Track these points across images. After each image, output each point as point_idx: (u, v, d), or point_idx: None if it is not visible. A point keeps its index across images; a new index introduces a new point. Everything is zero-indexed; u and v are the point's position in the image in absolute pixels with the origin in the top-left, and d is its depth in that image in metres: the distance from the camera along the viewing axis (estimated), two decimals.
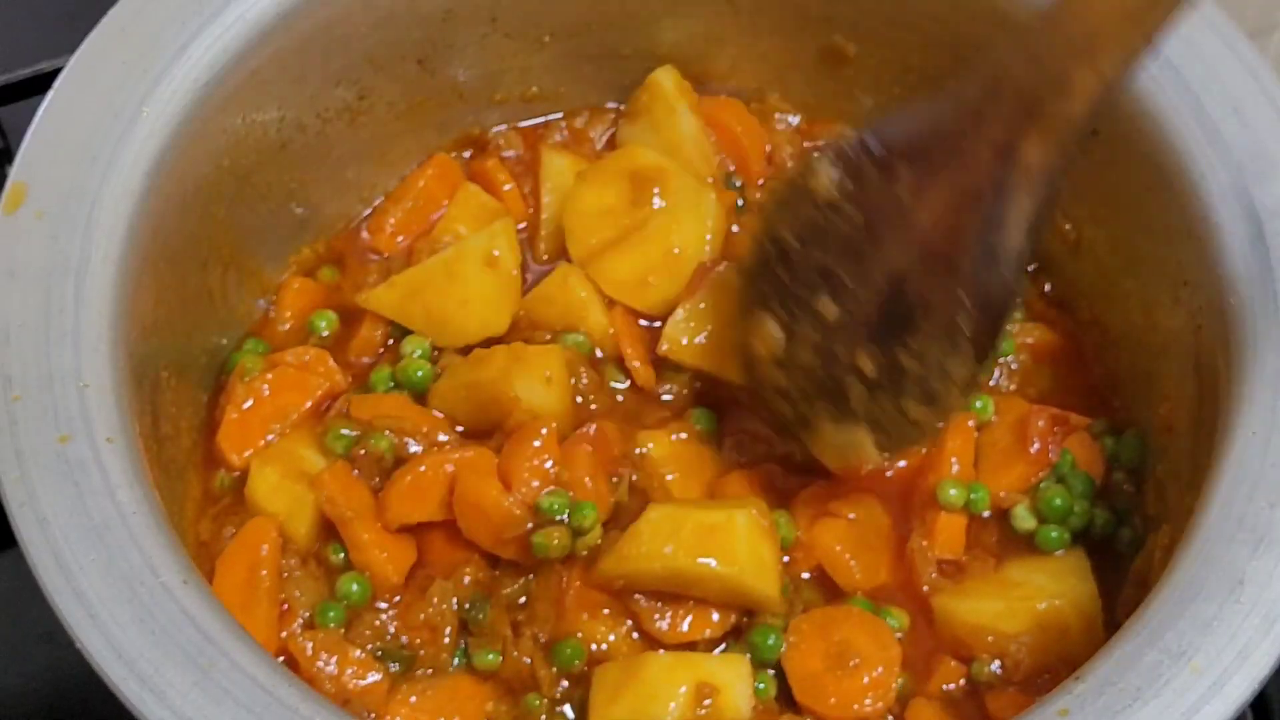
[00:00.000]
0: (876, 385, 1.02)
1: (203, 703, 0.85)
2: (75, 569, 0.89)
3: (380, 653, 1.07)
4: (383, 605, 1.10)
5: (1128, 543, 1.12)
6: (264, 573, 1.08)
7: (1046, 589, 1.09)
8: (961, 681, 1.08)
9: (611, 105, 1.35)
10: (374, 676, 1.05)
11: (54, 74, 1.07)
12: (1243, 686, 0.87)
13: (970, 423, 1.16)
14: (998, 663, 1.07)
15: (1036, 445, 1.14)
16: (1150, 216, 1.10)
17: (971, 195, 0.95)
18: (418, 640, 1.08)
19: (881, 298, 0.99)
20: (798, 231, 1.03)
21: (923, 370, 1.00)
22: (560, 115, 1.35)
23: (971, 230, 0.96)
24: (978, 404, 1.17)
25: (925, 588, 1.11)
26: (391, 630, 1.09)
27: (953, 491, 1.13)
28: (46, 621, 0.88)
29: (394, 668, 1.07)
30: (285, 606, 1.09)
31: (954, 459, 1.15)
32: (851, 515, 1.13)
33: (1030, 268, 1.25)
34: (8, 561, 0.98)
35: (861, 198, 0.99)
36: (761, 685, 1.05)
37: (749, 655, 1.06)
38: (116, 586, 0.89)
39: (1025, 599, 1.08)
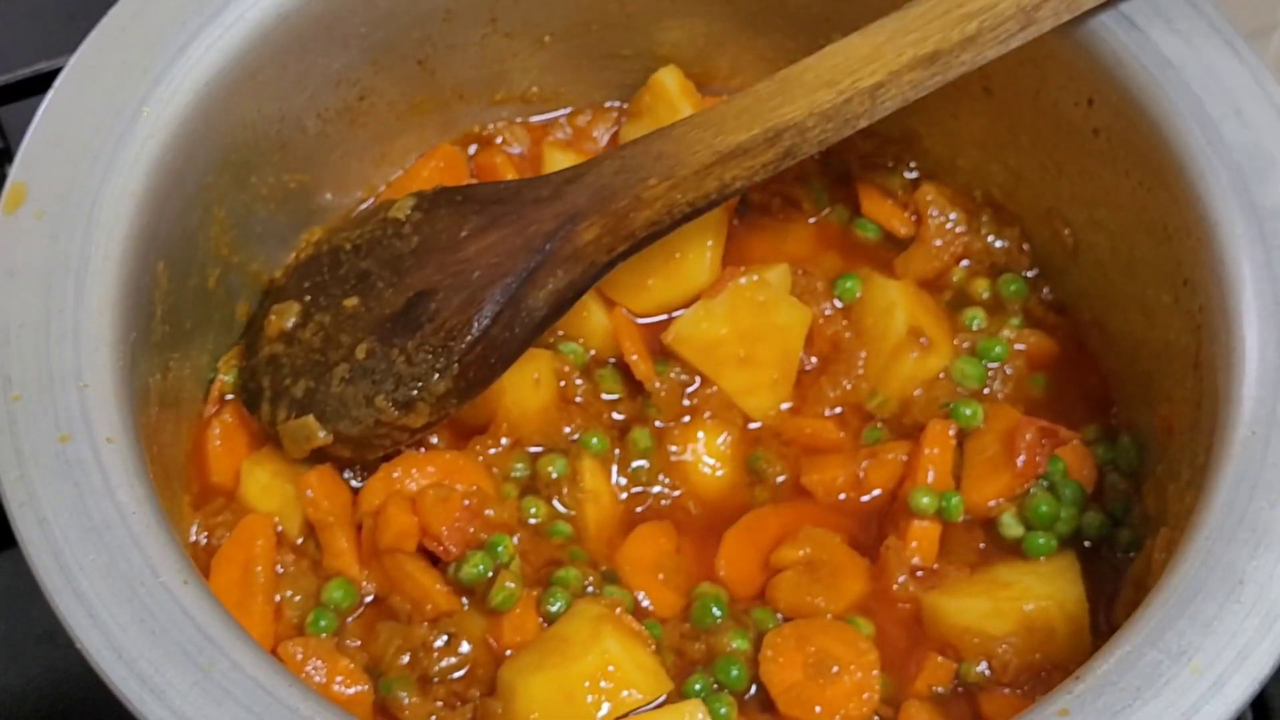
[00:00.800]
0: (361, 371, 1.09)
1: (203, 703, 0.85)
2: (75, 569, 0.89)
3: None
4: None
5: (1126, 543, 1.12)
6: (259, 569, 1.08)
7: (1034, 590, 1.08)
8: (953, 682, 1.08)
9: (611, 105, 1.35)
10: (360, 687, 1.04)
11: (54, 74, 1.07)
12: (1242, 686, 0.87)
13: (950, 431, 1.15)
14: (985, 663, 1.07)
15: (1023, 459, 1.12)
16: (1150, 217, 1.10)
17: (520, 248, 1.08)
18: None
19: (403, 302, 1.10)
20: (357, 243, 1.15)
21: (409, 371, 1.08)
22: (562, 113, 1.35)
23: (508, 274, 1.08)
24: (966, 411, 1.16)
25: (894, 588, 1.11)
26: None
27: (925, 499, 1.12)
28: (46, 621, 0.88)
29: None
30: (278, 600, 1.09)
31: (930, 468, 1.14)
32: (802, 552, 1.12)
33: (1030, 273, 1.26)
34: (8, 561, 0.99)
35: (426, 227, 1.13)
36: (724, 710, 1.04)
37: (714, 684, 1.05)
38: (116, 586, 0.89)
39: (1013, 600, 1.08)
